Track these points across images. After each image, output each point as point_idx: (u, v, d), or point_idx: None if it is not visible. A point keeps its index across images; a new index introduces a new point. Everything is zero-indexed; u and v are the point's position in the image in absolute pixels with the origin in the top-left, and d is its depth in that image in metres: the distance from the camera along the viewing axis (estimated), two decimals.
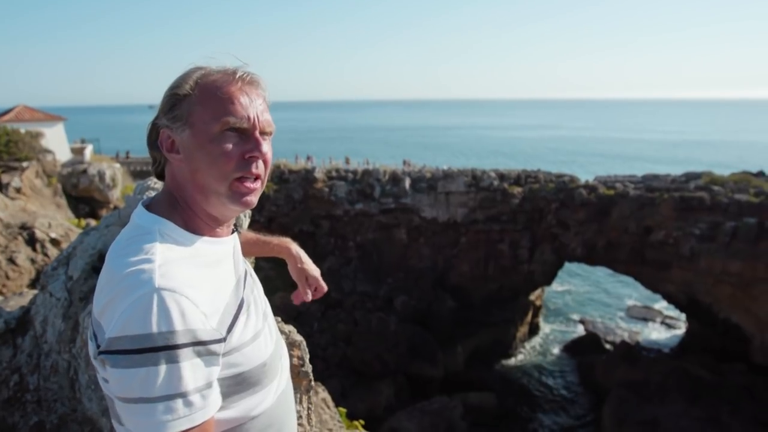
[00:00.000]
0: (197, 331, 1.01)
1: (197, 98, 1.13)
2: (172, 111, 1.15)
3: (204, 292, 1.07)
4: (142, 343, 0.95)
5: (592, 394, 27.28)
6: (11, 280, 8.89)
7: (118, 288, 1.00)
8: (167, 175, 1.23)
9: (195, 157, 1.13)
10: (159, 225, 1.14)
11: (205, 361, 1.02)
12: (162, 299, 0.97)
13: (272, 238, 1.86)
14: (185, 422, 0.98)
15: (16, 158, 16.33)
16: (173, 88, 1.16)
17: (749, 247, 24.24)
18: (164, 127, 1.16)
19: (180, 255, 1.10)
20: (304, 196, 31.53)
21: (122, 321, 0.96)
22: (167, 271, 1.02)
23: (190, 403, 0.98)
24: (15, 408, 2.91)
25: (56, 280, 3.01)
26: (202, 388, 1.01)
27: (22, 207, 12.38)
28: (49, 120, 24.80)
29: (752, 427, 21.38)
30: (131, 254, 1.05)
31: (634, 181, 31.43)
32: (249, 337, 1.19)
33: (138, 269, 1.01)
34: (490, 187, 30.95)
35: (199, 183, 1.15)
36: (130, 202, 2.96)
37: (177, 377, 0.97)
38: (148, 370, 0.95)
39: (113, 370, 0.97)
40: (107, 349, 0.97)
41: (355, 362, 26.53)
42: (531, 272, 31.36)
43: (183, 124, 1.14)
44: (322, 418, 4.02)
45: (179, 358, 0.97)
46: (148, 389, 0.95)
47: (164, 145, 1.17)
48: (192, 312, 1.00)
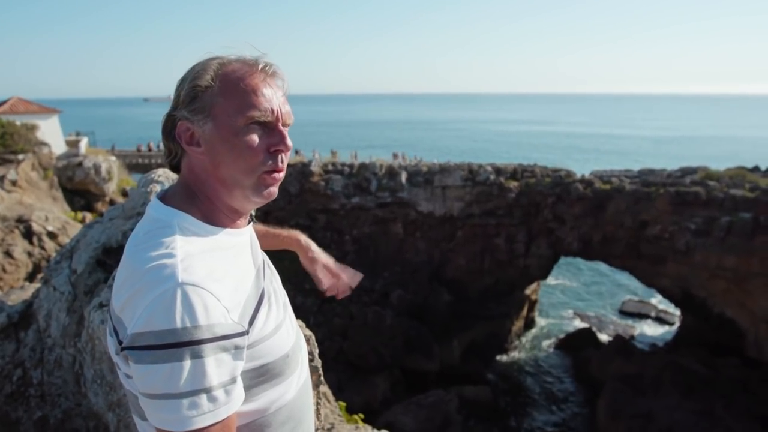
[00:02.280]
0: (221, 325, 0.99)
1: (219, 90, 1.11)
2: (193, 103, 1.12)
3: (226, 286, 1.05)
4: (166, 339, 0.94)
5: (587, 388, 27.42)
6: (8, 273, 8.85)
7: (140, 283, 0.99)
8: (185, 168, 1.20)
9: (219, 150, 1.12)
10: (178, 218, 1.12)
11: (229, 356, 1.01)
12: (185, 294, 0.96)
13: (282, 230, 1.86)
14: (209, 417, 0.97)
15: (11, 151, 16.20)
16: (193, 79, 1.13)
17: (744, 242, 24.35)
18: (184, 119, 1.13)
19: (201, 248, 1.08)
20: (300, 189, 31.47)
21: (145, 316, 0.95)
22: (189, 266, 1.01)
23: (214, 399, 0.98)
24: (18, 403, 2.89)
25: (60, 274, 2.99)
26: (227, 383, 1.00)
27: (18, 200, 12.31)
28: (44, 112, 24.59)
29: (745, 420, 21.54)
30: (152, 248, 1.04)
31: (630, 176, 31.51)
32: (271, 328, 1.18)
33: (160, 264, 1.00)
34: (486, 182, 30.97)
35: (223, 176, 1.14)
36: (135, 195, 2.94)
37: (201, 372, 0.96)
38: (172, 366, 0.94)
39: (137, 366, 0.97)
40: (131, 345, 0.96)
41: (351, 356, 26.57)
42: (527, 266, 31.45)
43: (205, 116, 1.11)
44: (323, 413, 4.02)
45: (204, 353, 0.96)
46: (172, 385, 0.94)
47: (183, 137, 1.15)
48: (215, 306, 0.99)
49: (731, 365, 24.73)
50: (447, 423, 22.69)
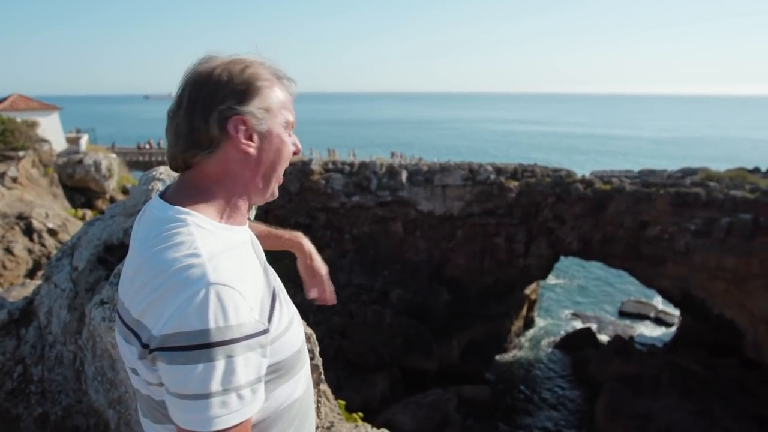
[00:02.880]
0: (248, 324, 1.01)
1: (273, 92, 1.20)
2: (260, 101, 1.17)
3: (248, 284, 1.07)
4: (199, 339, 0.94)
5: (585, 388, 27.45)
6: (8, 270, 8.85)
7: (166, 285, 0.99)
8: (213, 165, 1.17)
9: (268, 149, 1.20)
10: (191, 217, 1.11)
11: (256, 355, 1.02)
12: (218, 294, 0.97)
13: (284, 232, 1.87)
14: (236, 417, 0.98)
15: (12, 147, 16.18)
16: (253, 76, 1.17)
17: (744, 243, 24.34)
18: (247, 115, 1.15)
19: (220, 247, 1.08)
20: (300, 188, 31.47)
21: (177, 317, 0.96)
22: (217, 265, 1.01)
23: (242, 398, 0.99)
24: (19, 399, 2.89)
25: (61, 271, 2.99)
26: (253, 382, 1.02)
27: (18, 197, 12.31)
28: (44, 109, 24.59)
29: (744, 421, 21.57)
30: (173, 250, 1.03)
31: (631, 177, 31.49)
32: (284, 325, 1.20)
33: (187, 264, 1.00)
34: (486, 181, 30.96)
35: (266, 172, 1.22)
36: (136, 192, 2.94)
37: (232, 372, 0.97)
38: (205, 366, 0.95)
39: (169, 367, 0.97)
40: (161, 346, 0.97)
41: (351, 355, 26.58)
42: (527, 266, 31.46)
43: (264, 113, 1.18)
44: (323, 411, 4.02)
45: (235, 352, 0.97)
46: (205, 385, 0.95)
47: (242, 133, 1.16)
48: (243, 305, 1.00)
49: (730, 366, 24.75)
50: (446, 422, 22.70)
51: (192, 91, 1.14)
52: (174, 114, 1.17)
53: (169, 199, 1.18)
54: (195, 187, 1.19)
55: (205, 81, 1.14)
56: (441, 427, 22.42)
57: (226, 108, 1.14)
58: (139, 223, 1.20)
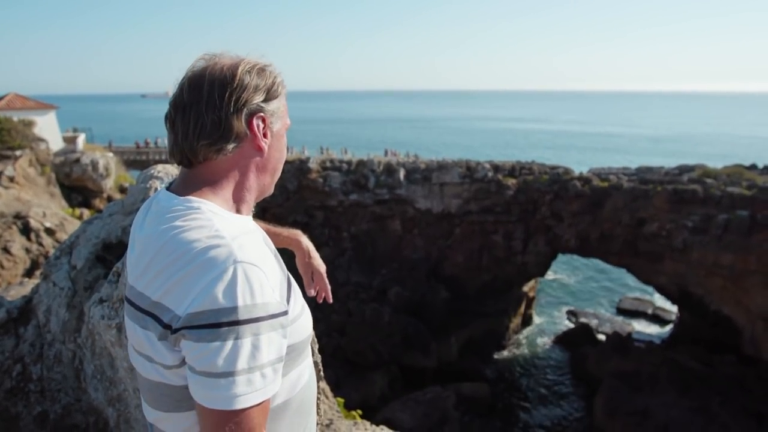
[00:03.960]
0: (273, 304, 1.03)
1: (282, 94, 1.27)
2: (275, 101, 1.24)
3: (269, 265, 1.09)
4: (228, 317, 0.96)
5: (583, 385, 27.50)
6: (6, 269, 8.83)
7: (192, 264, 1.00)
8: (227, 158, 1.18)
9: (277, 146, 1.28)
10: (204, 204, 1.13)
11: (278, 335, 1.04)
12: (245, 272, 0.99)
13: (282, 229, 1.86)
14: (259, 395, 1.00)
15: (8, 147, 16.14)
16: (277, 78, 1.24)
17: (741, 240, 24.41)
18: (268, 113, 1.22)
19: (239, 230, 1.11)
20: (298, 186, 31.44)
21: (205, 295, 0.97)
22: (242, 245, 1.03)
23: (265, 376, 1.00)
24: (18, 398, 2.89)
25: (59, 270, 2.99)
26: (275, 361, 1.03)
27: (15, 196, 12.29)
28: (41, 108, 24.52)
29: (741, 417, 21.64)
30: (194, 231, 1.05)
31: (628, 174, 31.57)
32: (299, 309, 1.22)
33: (213, 244, 1.02)
34: (484, 179, 30.98)
35: (274, 168, 1.30)
36: (134, 191, 2.94)
37: (258, 350, 0.99)
38: (234, 344, 0.96)
39: (196, 345, 0.98)
40: (188, 325, 0.98)
41: (349, 353, 26.60)
42: (525, 263, 31.49)
43: (278, 112, 1.26)
44: (322, 408, 4.03)
45: (261, 330, 0.99)
46: (232, 363, 0.96)
47: (261, 130, 1.21)
48: (267, 285, 1.03)
49: (728, 362, 24.83)
50: (444, 419, 22.73)
51: (216, 87, 1.14)
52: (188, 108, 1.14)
53: (177, 191, 1.19)
54: (204, 181, 1.19)
55: (231, 78, 1.15)
56: (440, 424, 22.46)
57: (254, 105, 1.18)
58: (147, 215, 1.20)
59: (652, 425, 21.80)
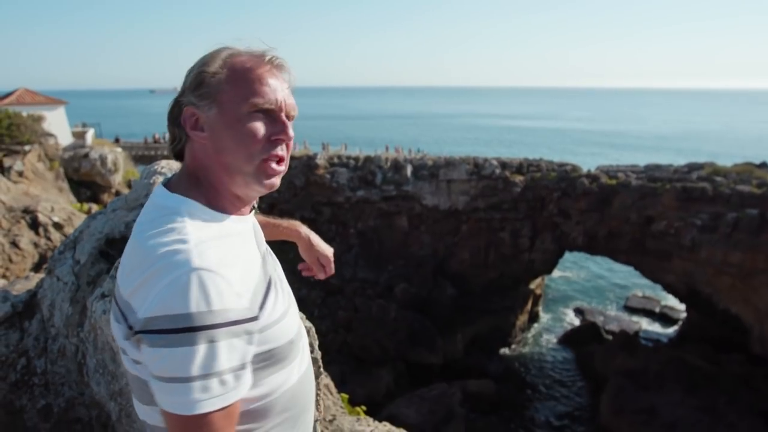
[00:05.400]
0: (234, 310, 1.01)
1: (226, 77, 1.15)
2: (200, 88, 1.15)
3: (237, 272, 1.07)
4: (181, 323, 0.95)
5: (590, 383, 27.45)
6: (14, 263, 8.91)
7: (152, 268, 1.00)
8: (188, 154, 1.22)
9: (222, 136, 1.15)
10: (185, 205, 1.14)
11: (241, 341, 1.03)
12: (200, 279, 0.98)
13: (282, 221, 1.88)
14: (218, 401, 0.99)
15: (18, 141, 16.26)
16: (202, 65, 1.17)
17: (750, 238, 24.22)
18: (190, 105, 1.17)
19: (210, 234, 1.10)
20: (305, 182, 31.50)
21: (159, 300, 0.97)
22: (203, 251, 1.02)
23: (224, 383, 1.00)
24: (22, 391, 2.92)
25: (63, 264, 3.01)
26: (237, 368, 1.02)
27: (24, 191, 12.38)
28: (51, 103, 24.71)
29: (749, 416, 21.52)
30: (163, 235, 1.05)
31: (637, 171, 31.36)
32: (278, 314, 1.20)
33: (174, 249, 1.01)
34: (491, 176, 30.89)
35: (225, 162, 1.17)
36: (138, 186, 2.95)
37: (214, 357, 0.98)
38: (186, 350, 0.96)
39: (150, 350, 0.98)
40: (144, 329, 0.98)
41: (355, 349, 26.68)
42: (531, 261, 31.42)
43: (210, 102, 1.15)
44: (326, 404, 4.04)
45: (217, 338, 0.98)
46: (185, 368, 0.96)
47: (188, 123, 1.17)
48: (228, 292, 1.01)
49: (735, 361, 24.69)
50: (450, 416, 22.75)
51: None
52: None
53: (170, 186, 1.21)
54: (187, 175, 1.22)
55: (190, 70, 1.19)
56: (445, 421, 22.48)
57: (182, 100, 1.19)
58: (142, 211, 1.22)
59: (658, 424, 21.71)
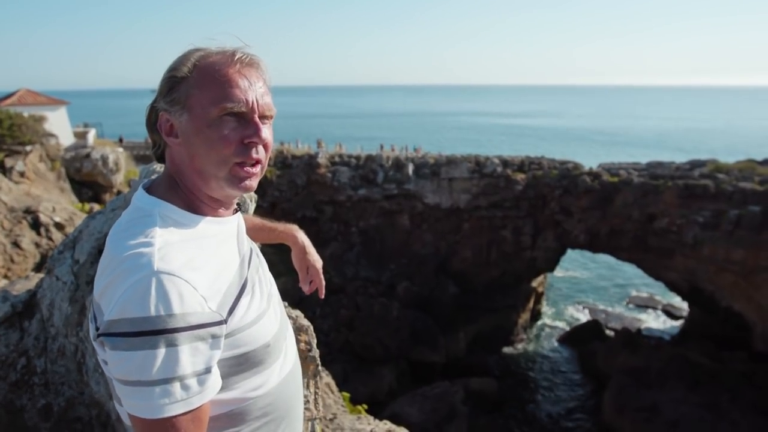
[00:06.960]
0: (196, 314, 1.00)
1: (195, 81, 1.12)
2: (171, 94, 1.13)
3: (204, 275, 1.06)
4: (140, 327, 0.95)
5: (592, 381, 27.43)
6: (16, 263, 8.93)
7: (117, 271, 1.00)
8: (167, 159, 1.22)
9: (193, 141, 1.13)
10: (159, 207, 1.14)
11: (205, 345, 1.02)
12: (160, 283, 0.97)
13: (278, 224, 1.86)
14: (181, 406, 0.98)
15: (19, 142, 16.28)
16: (171, 70, 1.15)
17: (752, 236, 24.17)
18: (163, 111, 1.15)
19: (181, 237, 1.10)
20: (307, 181, 31.50)
21: (120, 304, 0.96)
22: (166, 254, 1.02)
23: (187, 387, 0.99)
24: (23, 391, 2.92)
25: (62, 264, 3.01)
26: (201, 372, 1.01)
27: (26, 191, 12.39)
28: (52, 104, 24.71)
29: (751, 414, 21.48)
30: (131, 237, 1.05)
31: (638, 169, 31.30)
32: (252, 318, 1.18)
33: (137, 252, 1.01)
34: (493, 174, 30.87)
35: (198, 167, 1.15)
36: (136, 186, 2.95)
37: (175, 361, 0.97)
38: (146, 354, 0.95)
39: (112, 353, 0.98)
40: (106, 332, 0.98)
41: (357, 347, 26.68)
42: (533, 259, 31.40)
43: (181, 107, 1.12)
44: (326, 403, 4.04)
45: (178, 341, 0.97)
46: (145, 372, 0.95)
47: (163, 128, 1.17)
48: (191, 295, 1.00)
49: (738, 359, 24.65)
50: (452, 414, 22.74)
51: None
52: None
53: (150, 189, 1.21)
54: (167, 178, 1.22)
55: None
56: (448, 419, 22.48)
57: (156, 105, 1.18)
58: None
59: (661, 421, 21.69)
